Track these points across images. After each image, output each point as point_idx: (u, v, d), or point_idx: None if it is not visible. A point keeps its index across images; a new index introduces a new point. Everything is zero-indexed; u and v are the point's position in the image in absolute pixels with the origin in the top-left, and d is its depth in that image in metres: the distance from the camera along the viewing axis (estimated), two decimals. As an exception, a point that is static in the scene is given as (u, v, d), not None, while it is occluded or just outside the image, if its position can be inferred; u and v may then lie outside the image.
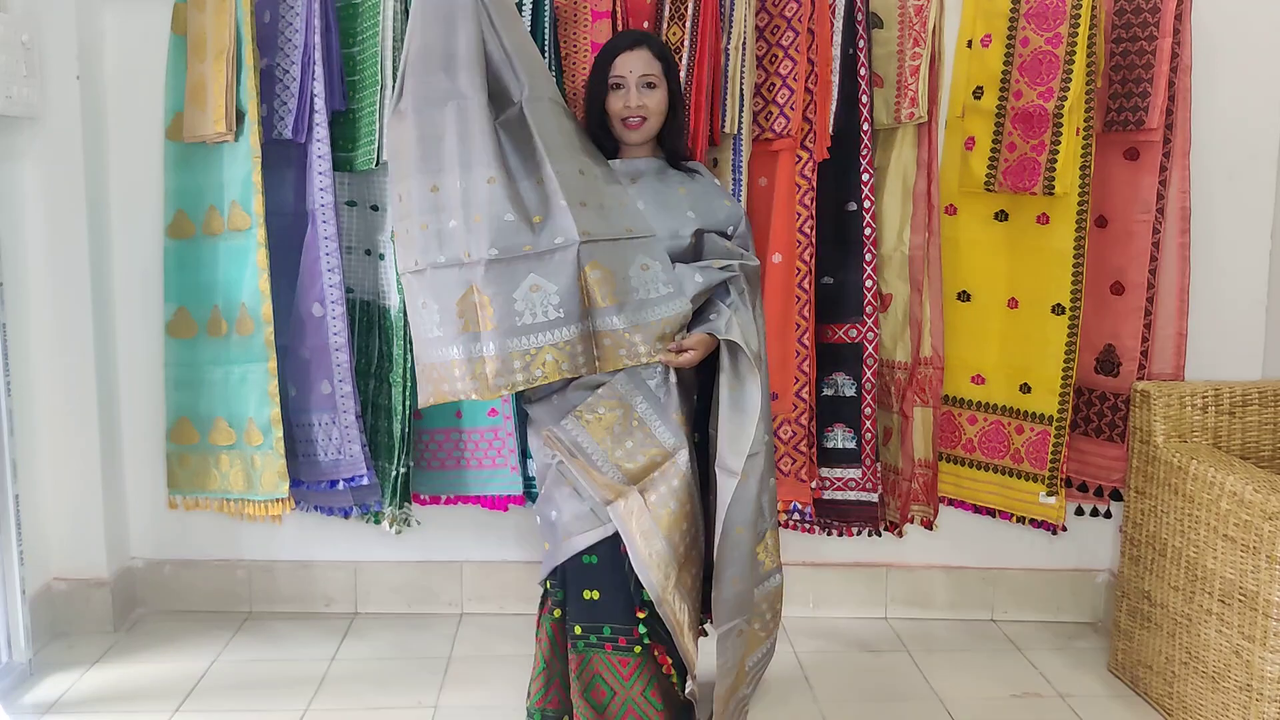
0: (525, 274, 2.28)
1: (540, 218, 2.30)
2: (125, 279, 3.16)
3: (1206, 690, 2.63)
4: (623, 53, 2.49)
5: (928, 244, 3.03)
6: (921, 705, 2.85)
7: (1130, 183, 2.96)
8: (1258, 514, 2.45)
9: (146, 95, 3.06)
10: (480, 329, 2.29)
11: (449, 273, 2.31)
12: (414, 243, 2.35)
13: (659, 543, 2.32)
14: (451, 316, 2.31)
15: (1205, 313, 3.08)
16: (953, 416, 3.15)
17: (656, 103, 2.49)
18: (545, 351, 2.28)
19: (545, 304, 2.29)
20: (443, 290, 2.32)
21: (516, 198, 2.30)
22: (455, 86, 2.31)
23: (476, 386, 2.30)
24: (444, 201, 2.31)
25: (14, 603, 2.86)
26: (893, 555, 3.34)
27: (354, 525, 3.22)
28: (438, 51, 2.32)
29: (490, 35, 2.35)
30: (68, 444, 3.09)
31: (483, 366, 2.29)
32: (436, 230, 2.32)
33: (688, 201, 2.52)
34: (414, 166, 2.34)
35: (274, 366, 2.87)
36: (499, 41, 2.36)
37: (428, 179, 2.33)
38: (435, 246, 2.32)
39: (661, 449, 2.37)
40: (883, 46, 2.99)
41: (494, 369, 2.28)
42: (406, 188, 2.36)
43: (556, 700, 2.48)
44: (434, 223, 2.32)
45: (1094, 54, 2.84)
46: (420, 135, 2.33)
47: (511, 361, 2.27)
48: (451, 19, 2.32)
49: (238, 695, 2.84)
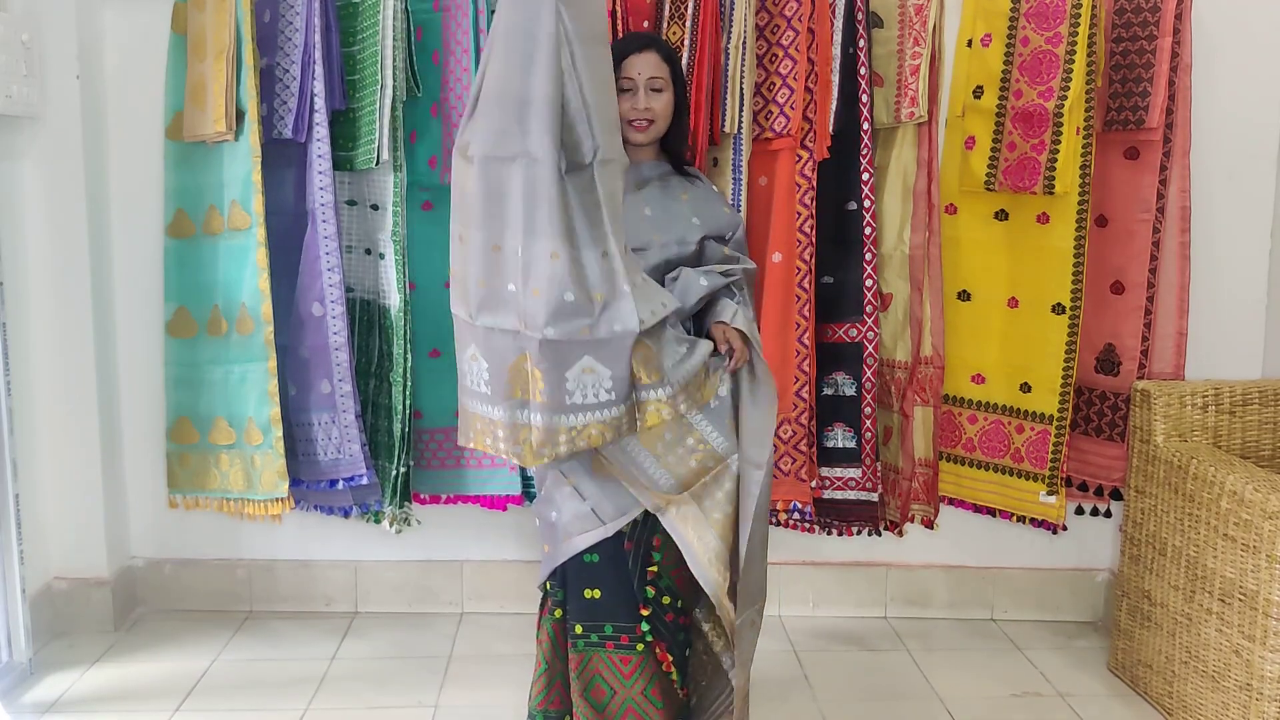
0: (580, 355, 2.25)
1: (602, 295, 2.23)
2: (125, 279, 3.16)
3: (1206, 689, 2.63)
4: (631, 55, 2.50)
5: (928, 243, 3.03)
6: (921, 704, 2.85)
7: (1130, 182, 2.96)
8: (1258, 513, 2.45)
9: (146, 95, 3.06)
10: (529, 398, 2.26)
11: (503, 337, 2.26)
12: (469, 295, 2.29)
13: (716, 544, 2.34)
14: (502, 380, 2.28)
15: (1205, 312, 3.08)
16: (953, 416, 3.15)
17: (663, 106, 2.51)
18: (591, 427, 2.26)
19: (598, 387, 2.26)
20: (494, 352, 2.28)
21: (579, 274, 2.21)
22: (526, 144, 2.15)
23: (519, 452, 2.29)
24: (504, 265, 2.23)
25: (14, 602, 2.86)
26: (893, 554, 3.34)
27: (354, 525, 3.22)
28: (512, 92, 2.14)
29: (571, 80, 2.16)
30: (68, 444, 3.09)
31: (528, 434, 2.27)
32: (494, 291, 2.25)
33: (691, 208, 2.54)
34: (477, 219, 2.24)
35: (274, 366, 2.87)
36: (579, 88, 2.17)
37: (489, 236, 2.24)
38: (491, 308, 2.26)
39: (714, 454, 2.38)
40: (883, 46, 2.99)
41: (539, 439, 2.26)
42: (469, 236, 2.27)
43: (558, 701, 2.48)
44: (492, 283, 2.25)
45: (1094, 53, 2.84)
46: (486, 190, 2.21)
47: (557, 435, 2.25)
48: (531, 56, 2.13)
49: (238, 695, 2.84)
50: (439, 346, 3.01)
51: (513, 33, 2.14)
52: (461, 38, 2.86)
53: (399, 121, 2.86)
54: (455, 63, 2.88)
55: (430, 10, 2.90)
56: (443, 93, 2.90)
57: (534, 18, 2.12)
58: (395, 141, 2.85)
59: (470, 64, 2.85)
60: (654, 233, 2.47)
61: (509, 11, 2.15)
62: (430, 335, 3.00)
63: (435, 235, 2.98)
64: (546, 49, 2.12)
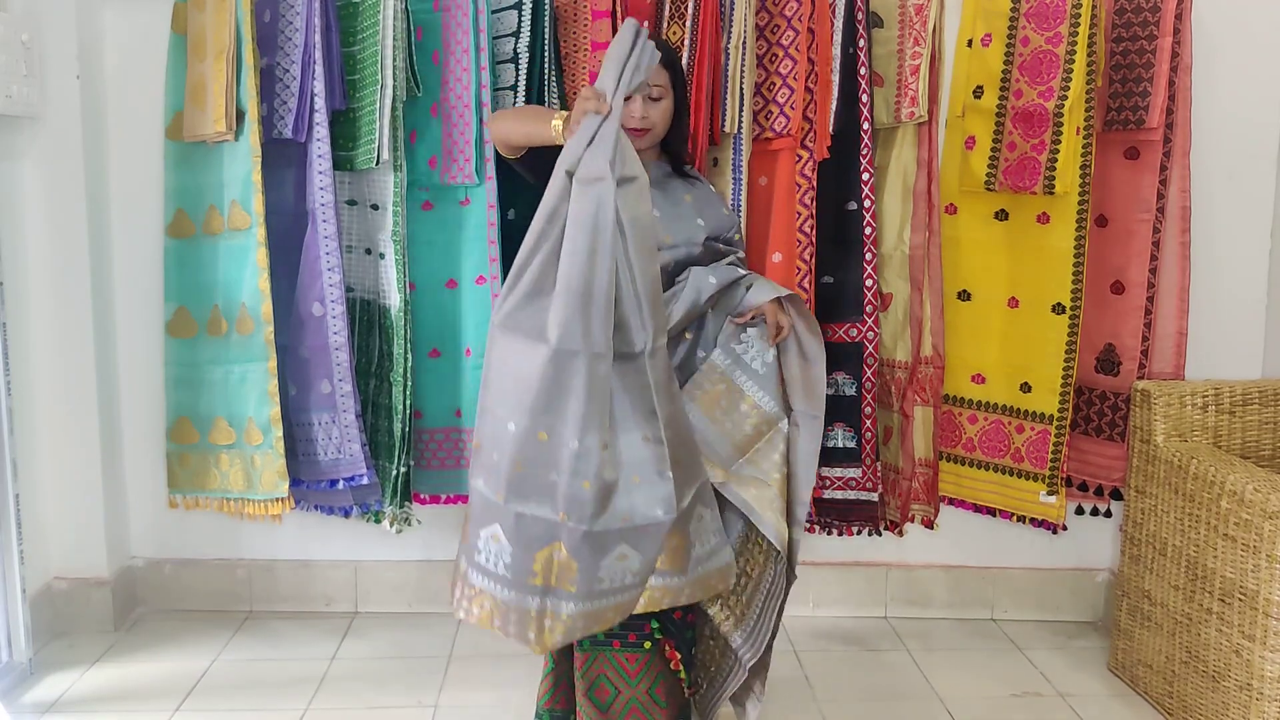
0: (617, 544, 2.24)
1: (639, 479, 2.24)
2: (125, 279, 3.16)
3: (1206, 689, 2.63)
4: None
5: (928, 243, 3.03)
6: (921, 704, 2.85)
7: (1130, 182, 2.96)
8: (1258, 513, 2.45)
9: (146, 95, 3.06)
10: (553, 585, 2.22)
11: (536, 524, 2.23)
12: (499, 475, 2.24)
13: (777, 501, 2.46)
14: (525, 567, 2.23)
15: (1205, 312, 3.08)
16: (953, 416, 3.15)
17: (661, 114, 2.53)
18: (608, 610, 2.25)
19: (625, 571, 2.26)
20: (523, 537, 2.23)
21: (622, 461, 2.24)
22: (590, 339, 2.17)
23: (530, 638, 2.22)
24: (552, 454, 2.20)
25: (14, 602, 2.86)
26: (893, 554, 3.34)
27: (354, 525, 3.22)
28: (577, 284, 2.16)
29: (625, 271, 2.21)
30: (68, 444, 3.09)
31: (546, 622, 2.22)
32: (533, 477, 2.22)
33: (694, 209, 2.58)
34: (528, 405, 2.20)
35: (274, 366, 2.87)
36: (633, 279, 2.21)
37: (538, 424, 2.20)
38: (526, 493, 2.22)
39: (767, 417, 2.48)
40: (883, 46, 2.99)
41: (564, 628, 2.21)
42: (510, 417, 2.22)
43: (565, 700, 2.49)
44: (533, 469, 2.22)
45: (1094, 53, 2.84)
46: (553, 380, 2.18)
47: (577, 620, 2.22)
48: (594, 252, 2.16)
49: (238, 695, 2.84)
50: (439, 346, 3.01)
51: (581, 224, 2.16)
52: (461, 38, 2.86)
53: (399, 121, 2.86)
54: (455, 63, 2.88)
55: (430, 10, 2.90)
56: (443, 93, 2.90)
57: (600, 208, 2.15)
58: (395, 141, 2.85)
59: (470, 64, 2.85)
60: (664, 234, 2.49)
61: (579, 202, 2.17)
62: (430, 335, 3.00)
63: (435, 235, 2.98)
64: (605, 247, 2.16)
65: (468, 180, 2.89)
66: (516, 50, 2.89)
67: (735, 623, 2.48)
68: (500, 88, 2.91)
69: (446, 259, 2.99)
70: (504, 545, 2.24)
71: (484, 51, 2.85)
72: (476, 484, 2.29)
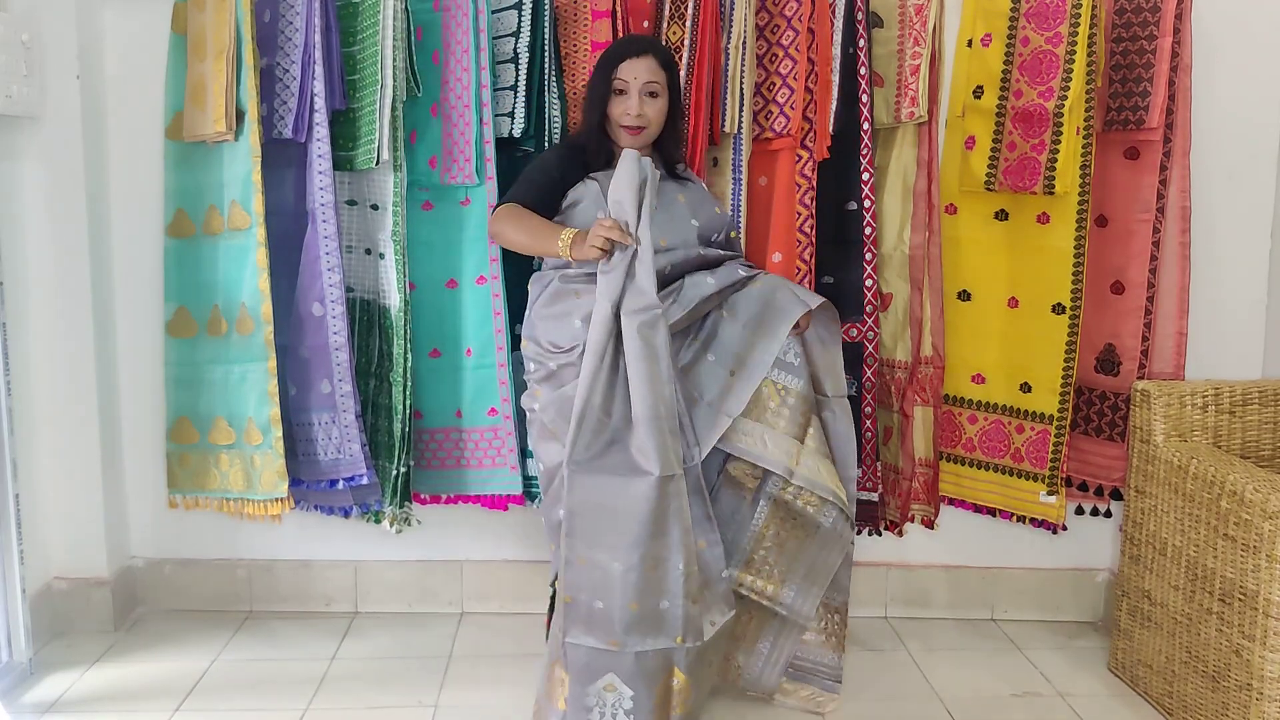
0: (708, 650, 2.44)
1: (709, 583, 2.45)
2: (125, 278, 3.16)
3: (1206, 690, 2.63)
4: (629, 59, 2.51)
5: (928, 243, 3.03)
6: (921, 704, 2.85)
7: (1130, 182, 2.96)
8: (1258, 513, 2.45)
9: (146, 95, 3.06)
10: (676, 712, 2.40)
11: (655, 656, 2.36)
12: (610, 621, 2.36)
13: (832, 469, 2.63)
14: (647, 705, 2.37)
15: (1205, 312, 3.08)
16: (953, 416, 3.15)
17: (657, 111, 2.53)
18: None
19: (711, 675, 2.49)
20: (643, 674, 2.36)
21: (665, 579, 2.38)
22: (680, 459, 2.35)
23: None
24: (661, 583, 2.34)
25: (14, 602, 2.86)
26: (893, 554, 3.34)
27: (354, 525, 3.22)
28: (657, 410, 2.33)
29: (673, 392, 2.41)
30: (68, 444, 3.09)
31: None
32: (647, 611, 2.36)
33: (689, 209, 2.59)
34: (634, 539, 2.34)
35: (274, 366, 2.87)
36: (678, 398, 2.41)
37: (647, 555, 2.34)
38: (645, 630, 2.36)
39: (807, 399, 2.61)
40: (883, 46, 2.99)
41: None
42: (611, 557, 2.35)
43: None
44: (647, 603, 2.35)
45: (1094, 53, 2.84)
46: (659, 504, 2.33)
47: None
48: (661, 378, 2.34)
49: (238, 695, 2.84)
50: (439, 347, 3.01)
51: (643, 354, 2.30)
52: (461, 38, 2.86)
53: (399, 121, 2.86)
54: (455, 63, 2.88)
55: (430, 10, 2.90)
56: (443, 93, 2.90)
57: (658, 335, 2.31)
58: (395, 141, 2.85)
59: (470, 64, 2.85)
60: (660, 237, 2.49)
61: (636, 334, 2.31)
62: (430, 335, 3.00)
63: (435, 235, 2.98)
64: (666, 364, 2.32)
65: (468, 180, 2.89)
66: (516, 50, 2.89)
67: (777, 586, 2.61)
68: (500, 88, 2.91)
69: (447, 259, 2.99)
70: (623, 691, 2.35)
71: (484, 51, 2.85)
72: (577, 640, 2.37)
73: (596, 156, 2.59)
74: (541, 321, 2.58)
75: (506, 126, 2.91)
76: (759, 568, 2.63)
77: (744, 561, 2.63)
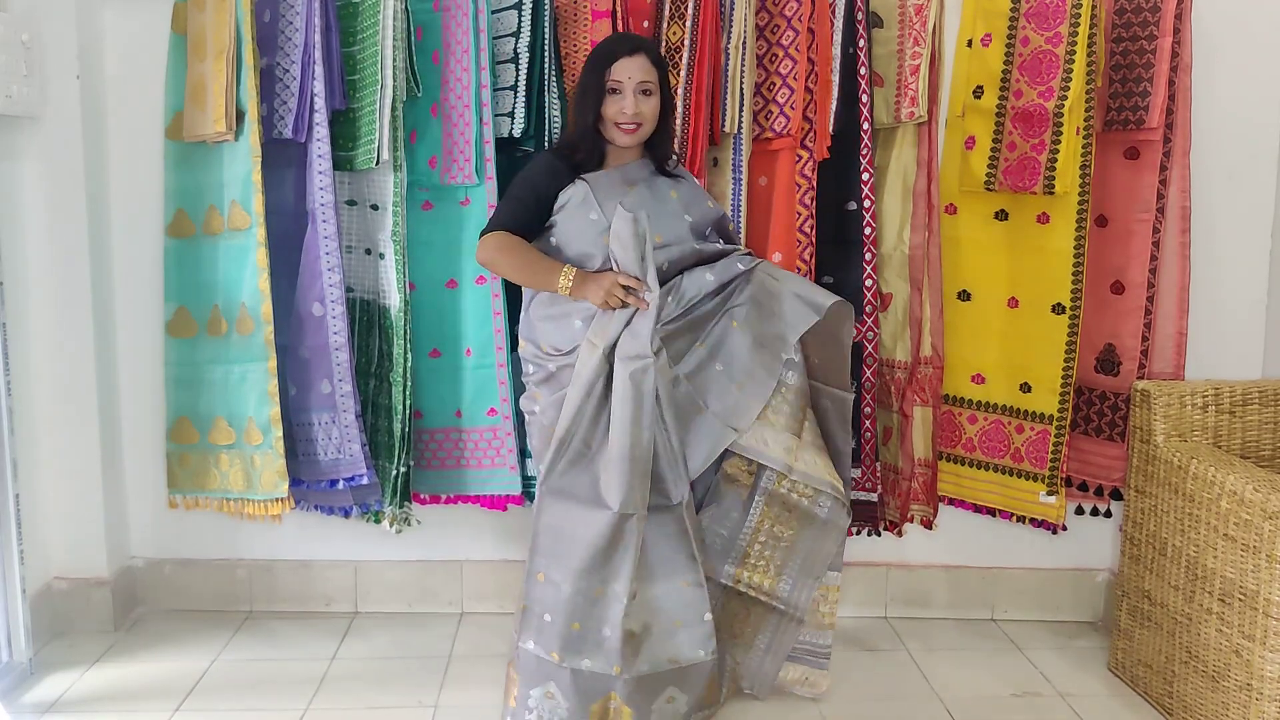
0: (666, 687, 2.49)
1: (681, 622, 2.51)
2: (125, 278, 3.16)
3: (1206, 690, 2.63)
4: (621, 58, 2.51)
5: (928, 243, 3.03)
6: (921, 704, 2.84)
7: (1130, 182, 2.96)
8: (1258, 513, 2.45)
9: (146, 95, 3.06)
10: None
11: (592, 678, 2.44)
12: (553, 635, 2.45)
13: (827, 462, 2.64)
14: (525, 701, 2.48)
15: (1205, 312, 3.08)
16: (953, 416, 3.15)
17: (651, 110, 2.54)
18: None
19: (674, 713, 2.52)
20: (581, 692, 2.44)
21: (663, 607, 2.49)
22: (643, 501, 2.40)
23: None
24: (604, 612, 2.43)
25: (14, 602, 2.86)
26: (892, 554, 3.34)
27: (354, 525, 3.22)
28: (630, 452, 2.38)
29: (661, 432, 2.45)
30: (68, 444, 3.09)
31: None
32: (587, 633, 2.44)
33: (681, 205, 2.59)
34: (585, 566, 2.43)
35: (274, 366, 2.87)
36: (668, 437, 2.46)
37: (593, 582, 2.43)
38: (583, 650, 2.44)
39: (803, 395, 2.63)
40: (883, 46, 2.99)
41: None
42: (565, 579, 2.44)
43: None
44: (586, 625, 2.43)
45: (1094, 53, 2.84)
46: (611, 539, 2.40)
47: None
48: (640, 423, 2.39)
49: (238, 695, 2.84)
50: (439, 347, 3.01)
51: (627, 398, 2.37)
52: (461, 37, 2.86)
53: (399, 121, 2.86)
54: (455, 63, 2.88)
55: (430, 10, 2.90)
56: (443, 93, 2.90)
57: (645, 383, 2.37)
58: (395, 141, 2.85)
59: (470, 64, 2.85)
60: (655, 234, 2.49)
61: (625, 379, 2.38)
62: (430, 335, 3.00)
63: (435, 235, 2.98)
64: (649, 410, 2.39)
65: (468, 180, 2.89)
66: (516, 50, 2.89)
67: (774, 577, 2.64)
68: (500, 88, 2.91)
69: (447, 259, 2.99)
70: (559, 703, 2.45)
71: (484, 51, 2.85)
72: (527, 646, 2.48)
73: (589, 157, 2.58)
74: (540, 323, 2.58)
75: (506, 126, 2.91)
76: (754, 563, 2.65)
77: (740, 558, 2.65)
